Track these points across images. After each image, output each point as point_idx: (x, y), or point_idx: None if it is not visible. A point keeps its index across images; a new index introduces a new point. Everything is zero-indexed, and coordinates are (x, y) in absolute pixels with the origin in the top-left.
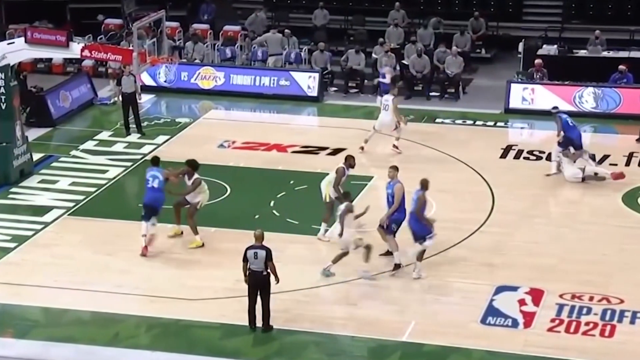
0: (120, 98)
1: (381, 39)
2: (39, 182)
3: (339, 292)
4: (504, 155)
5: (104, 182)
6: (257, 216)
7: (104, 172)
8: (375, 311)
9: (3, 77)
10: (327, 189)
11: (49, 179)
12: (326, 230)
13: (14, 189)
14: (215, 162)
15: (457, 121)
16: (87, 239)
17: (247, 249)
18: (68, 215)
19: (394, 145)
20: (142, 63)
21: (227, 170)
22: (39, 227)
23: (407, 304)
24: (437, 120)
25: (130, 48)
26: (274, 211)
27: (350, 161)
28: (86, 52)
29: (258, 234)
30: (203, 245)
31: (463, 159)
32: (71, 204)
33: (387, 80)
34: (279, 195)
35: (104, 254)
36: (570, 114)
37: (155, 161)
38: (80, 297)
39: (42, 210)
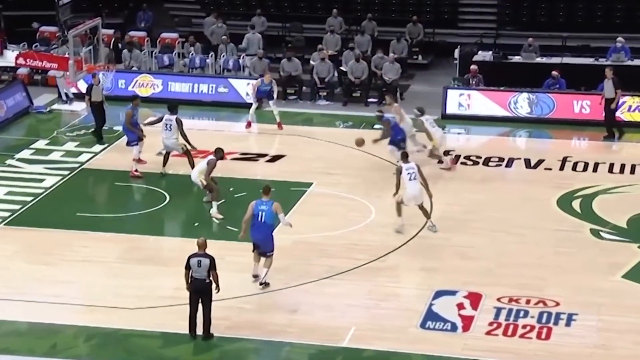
0: (89, 108)
1: (319, 46)
2: None
3: (279, 299)
4: (441, 161)
5: (40, 191)
6: (196, 224)
7: (41, 181)
8: (315, 317)
9: None
10: (199, 177)
11: None
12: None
13: None
14: (154, 170)
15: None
16: (24, 249)
17: (190, 257)
18: (4, 225)
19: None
20: (78, 71)
21: (165, 178)
22: None
23: (347, 310)
24: (376, 126)
25: (67, 56)
26: (214, 218)
27: (220, 154)
28: (21, 60)
29: (201, 242)
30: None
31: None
32: (7, 214)
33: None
34: (219, 203)
35: (41, 264)
36: (506, 119)
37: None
38: (16, 307)
39: None
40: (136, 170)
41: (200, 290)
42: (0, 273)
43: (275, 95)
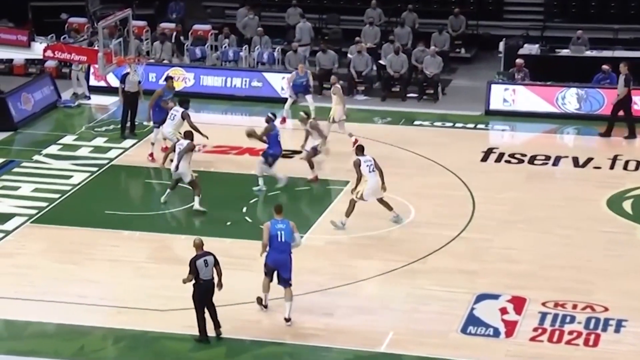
0: (122, 97)
1: (357, 38)
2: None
3: (313, 301)
4: (484, 159)
5: (68, 188)
6: (229, 223)
7: (68, 177)
8: (351, 321)
9: None
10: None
11: (10, 185)
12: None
13: None
14: None
15: (436, 123)
16: (50, 248)
17: (195, 259)
18: (30, 223)
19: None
20: (107, 63)
21: (198, 175)
22: None
23: (385, 314)
24: (415, 122)
25: (96, 48)
26: (247, 217)
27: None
28: (49, 53)
29: (199, 242)
30: None
31: (442, 162)
32: (34, 212)
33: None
34: (251, 201)
35: (69, 263)
36: (553, 115)
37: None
38: (43, 308)
39: (3, 218)
40: (151, 154)
41: (209, 291)
42: (26, 272)
43: (311, 89)
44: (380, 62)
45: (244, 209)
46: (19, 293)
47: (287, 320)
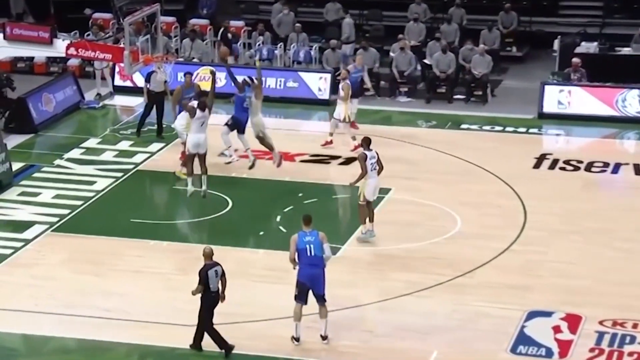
0: (147, 97)
1: (400, 35)
2: (18, 195)
3: (352, 317)
4: (537, 165)
5: (91, 194)
6: (262, 233)
7: (92, 183)
8: (392, 339)
9: None
10: (187, 127)
11: (30, 191)
12: None
13: None
14: (216, 173)
15: (485, 127)
16: (72, 258)
17: (206, 270)
18: (51, 231)
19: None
20: (134, 62)
21: (228, 182)
22: (18, 244)
23: (428, 331)
24: (463, 126)
25: (121, 46)
26: (281, 227)
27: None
28: (72, 50)
29: (209, 251)
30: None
31: (491, 169)
32: (55, 219)
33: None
34: (286, 210)
35: (91, 275)
36: (613, 119)
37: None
38: (64, 323)
39: (22, 226)
40: (183, 154)
41: (216, 304)
42: (46, 284)
43: (368, 85)
44: (425, 61)
45: (278, 218)
46: (39, 306)
47: (324, 338)
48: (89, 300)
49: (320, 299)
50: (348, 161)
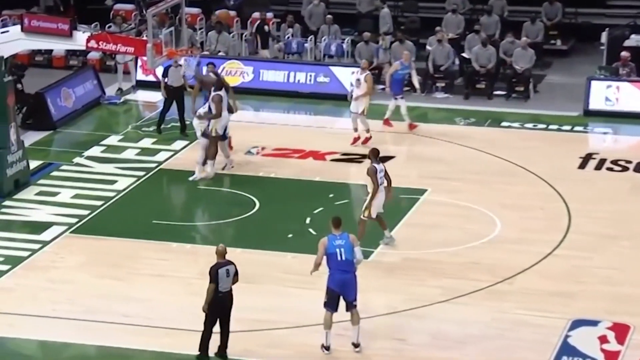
0: (164, 92)
1: (437, 28)
2: (36, 194)
3: (385, 324)
4: (582, 166)
5: (112, 194)
6: (290, 235)
7: (112, 182)
8: (426, 347)
9: None
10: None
11: (48, 190)
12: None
13: (7, 202)
14: (242, 172)
15: (527, 125)
16: (91, 261)
17: (217, 268)
18: (70, 233)
19: None
20: (157, 55)
21: (255, 182)
22: (35, 246)
23: (465, 340)
24: (503, 124)
25: (144, 38)
26: (310, 229)
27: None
28: (92, 43)
29: (222, 249)
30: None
31: (533, 169)
32: (73, 220)
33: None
34: (316, 211)
35: (111, 279)
36: None
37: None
38: (82, 328)
39: (40, 227)
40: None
41: (226, 304)
42: (64, 288)
43: (416, 84)
44: (464, 55)
45: (308, 220)
46: (57, 311)
47: (356, 345)
48: (109, 305)
49: (351, 305)
50: (381, 160)
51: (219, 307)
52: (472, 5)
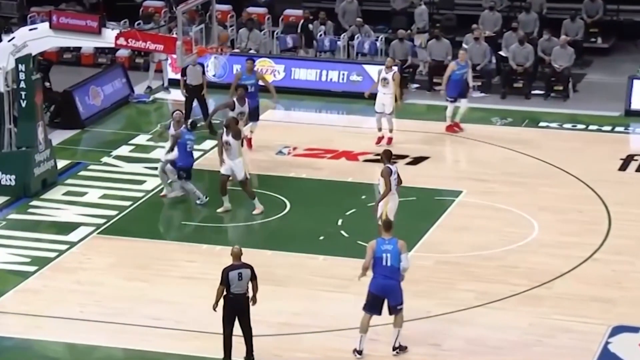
0: (185, 91)
1: (474, 25)
2: (63, 194)
3: (418, 329)
4: (623, 167)
5: (140, 194)
6: (321, 237)
7: (141, 183)
8: (461, 353)
9: (24, 69)
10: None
11: (75, 190)
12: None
13: (34, 202)
14: (273, 172)
15: (566, 125)
16: (119, 263)
17: (228, 270)
18: (97, 233)
19: None
20: (187, 53)
21: (286, 182)
22: (63, 247)
23: (501, 346)
24: (541, 124)
25: (174, 36)
26: (342, 231)
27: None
28: (121, 41)
29: (237, 251)
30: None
31: (572, 171)
32: (101, 221)
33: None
34: (348, 213)
35: (139, 281)
36: None
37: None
38: (110, 331)
39: (67, 227)
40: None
41: (240, 307)
42: (92, 290)
43: (471, 83)
44: (501, 53)
45: (340, 222)
46: (84, 313)
47: (396, 349)
48: (137, 307)
49: (394, 310)
50: (416, 161)
51: (231, 309)
52: (510, 2)
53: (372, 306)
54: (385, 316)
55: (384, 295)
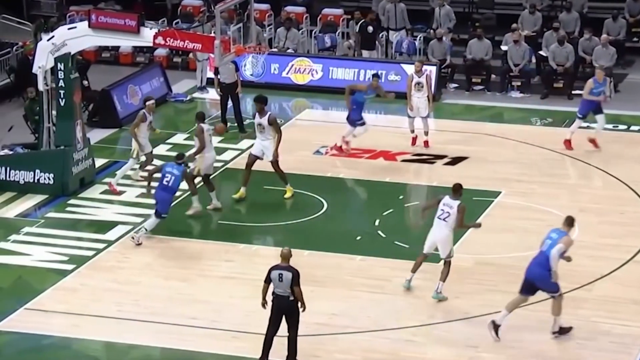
0: (219, 90)
1: (514, 25)
2: (101, 193)
3: (456, 330)
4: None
5: (178, 193)
6: (359, 237)
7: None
8: (501, 355)
9: (62, 68)
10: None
11: None
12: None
13: (72, 201)
14: (310, 172)
15: (607, 126)
16: (157, 262)
17: (272, 269)
18: (134, 232)
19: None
20: (225, 52)
21: (324, 182)
22: (100, 246)
23: (542, 349)
24: (582, 124)
25: (212, 35)
26: (380, 232)
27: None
28: (160, 40)
29: (285, 253)
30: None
31: (614, 172)
32: (139, 220)
33: None
34: (385, 213)
35: (177, 280)
36: None
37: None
38: (148, 330)
39: (105, 226)
40: (340, 147)
41: (284, 309)
42: (130, 289)
43: (607, 92)
44: (541, 53)
45: (377, 222)
46: (122, 312)
47: (554, 332)
48: (175, 307)
49: (550, 296)
50: (454, 161)
51: (276, 310)
52: (551, 1)
53: (522, 289)
54: (421, 317)
55: (532, 279)
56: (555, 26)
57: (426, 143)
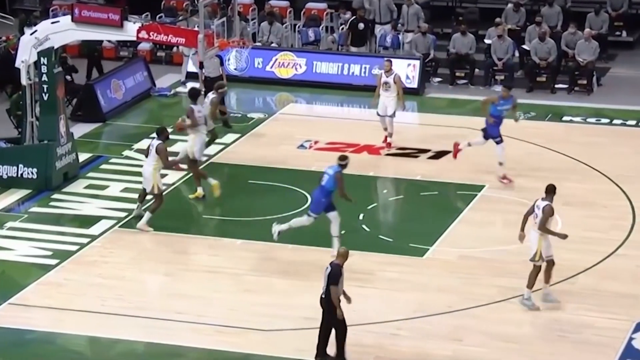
0: (203, 85)
1: (497, 19)
2: (85, 188)
3: (441, 324)
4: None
5: (161, 188)
6: (343, 232)
7: (162, 176)
8: (485, 349)
9: (46, 62)
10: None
11: (97, 183)
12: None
13: (56, 195)
14: (294, 166)
15: (590, 120)
16: (141, 256)
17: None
18: (119, 227)
19: None
20: (208, 47)
21: (307, 176)
22: (84, 241)
23: (526, 341)
24: (565, 118)
25: (196, 29)
26: (364, 226)
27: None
28: (143, 34)
29: (342, 252)
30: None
31: (596, 166)
32: (123, 214)
33: None
34: (369, 207)
35: (161, 274)
36: None
37: None
38: (132, 325)
39: (89, 221)
40: (504, 177)
41: (321, 304)
42: (114, 284)
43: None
44: (524, 47)
45: (361, 216)
46: (106, 307)
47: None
48: (159, 301)
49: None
50: (438, 155)
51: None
52: None
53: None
54: (406, 311)
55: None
56: (538, 20)
57: (388, 145)
